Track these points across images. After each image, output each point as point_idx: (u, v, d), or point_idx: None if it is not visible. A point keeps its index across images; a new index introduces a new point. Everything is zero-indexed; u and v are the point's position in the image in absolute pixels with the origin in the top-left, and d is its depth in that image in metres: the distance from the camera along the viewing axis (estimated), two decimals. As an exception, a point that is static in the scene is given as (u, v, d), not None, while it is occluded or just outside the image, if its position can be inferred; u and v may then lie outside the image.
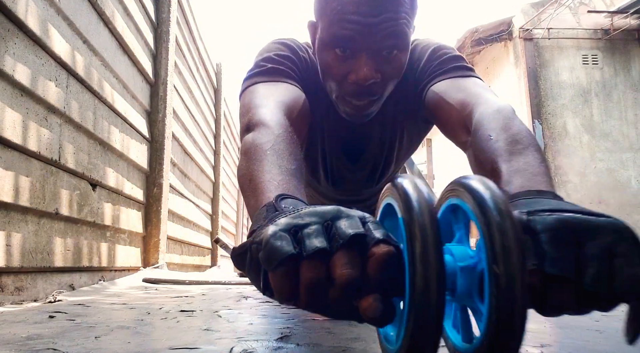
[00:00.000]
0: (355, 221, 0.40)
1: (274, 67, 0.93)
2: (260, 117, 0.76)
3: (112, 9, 1.85)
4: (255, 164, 0.66)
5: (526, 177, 0.60)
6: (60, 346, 0.58)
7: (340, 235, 0.38)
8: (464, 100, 0.86)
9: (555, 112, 6.69)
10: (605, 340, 0.65)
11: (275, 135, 0.71)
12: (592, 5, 6.94)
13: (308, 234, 0.39)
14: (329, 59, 0.88)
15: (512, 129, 0.73)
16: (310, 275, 0.38)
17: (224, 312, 0.94)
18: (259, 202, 0.56)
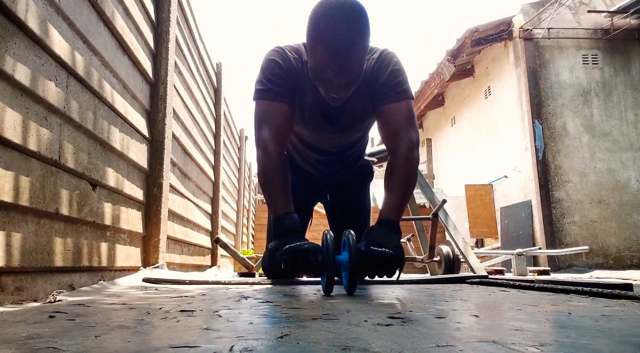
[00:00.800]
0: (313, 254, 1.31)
1: (270, 88, 1.51)
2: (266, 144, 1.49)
3: (112, 9, 1.85)
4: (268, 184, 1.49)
5: (387, 209, 1.45)
6: (61, 345, 0.58)
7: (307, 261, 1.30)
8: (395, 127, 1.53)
9: (555, 112, 6.69)
10: (605, 340, 0.65)
11: (275, 165, 1.48)
12: (592, 5, 6.94)
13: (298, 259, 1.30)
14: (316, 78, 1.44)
15: (403, 170, 1.49)
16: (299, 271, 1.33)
17: (224, 312, 0.94)
18: (275, 211, 1.45)
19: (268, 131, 1.48)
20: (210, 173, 4.26)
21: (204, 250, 4.03)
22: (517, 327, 0.75)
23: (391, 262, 1.29)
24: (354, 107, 1.61)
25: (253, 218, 9.72)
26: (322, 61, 1.35)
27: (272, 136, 1.47)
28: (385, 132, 1.57)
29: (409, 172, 1.47)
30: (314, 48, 1.37)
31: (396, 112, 1.51)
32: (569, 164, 6.61)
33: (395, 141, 1.50)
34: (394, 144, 1.50)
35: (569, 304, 1.15)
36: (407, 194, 1.47)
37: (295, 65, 1.53)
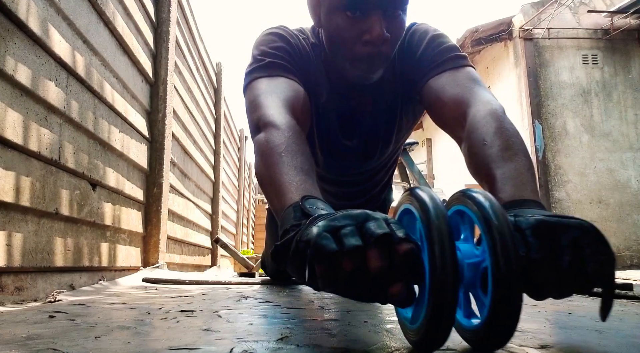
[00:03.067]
0: (381, 223, 0.49)
1: (271, 61, 1.00)
2: (269, 118, 0.85)
3: (112, 9, 1.85)
4: (272, 166, 0.76)
5: (515, 186, 0.72)
6: (60, 346, 0.58)
7: (371, 235, 0.48)
8: (458, 97, 0.94)
9: (555, 112, 6.69)
10: (605, 340, 0.65)
11: (287, 137, 0.81)
12: (592, 5, 6.94)
13: (345, 234, 0.49)
14: (340, 22, 0.94)
15: (504, 134, 0.82)
16: (350, 267, 0.47)
17: (224, 312, 0.94)
18: (283, 203, 0.68)
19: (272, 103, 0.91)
20: (210, 173, 4.26)
21: (203, 250, 4.03)
22: (518, 327, 0.75)
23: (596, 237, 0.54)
24: (380, 107, 1.14)
25: (253, 218, 9.73)
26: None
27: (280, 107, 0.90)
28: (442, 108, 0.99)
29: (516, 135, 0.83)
30: None
31: (454, 80, 0.98)
32: (568, 164, 6.61)
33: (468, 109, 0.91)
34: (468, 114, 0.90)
35: (569, 304, 1.15)
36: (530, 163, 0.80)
37: (304, 45, 1.10)
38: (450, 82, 0.98)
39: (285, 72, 1.00)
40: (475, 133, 0.85)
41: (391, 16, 0.93)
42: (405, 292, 0.48)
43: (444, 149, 10.58)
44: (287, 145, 0.79)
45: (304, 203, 0.63)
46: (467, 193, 0.53)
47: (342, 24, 0.94)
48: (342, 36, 0.95)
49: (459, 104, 0.93)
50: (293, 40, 1.08)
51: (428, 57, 1.04)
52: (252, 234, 9.59)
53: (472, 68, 1.02)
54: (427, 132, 11.64)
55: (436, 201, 0.50)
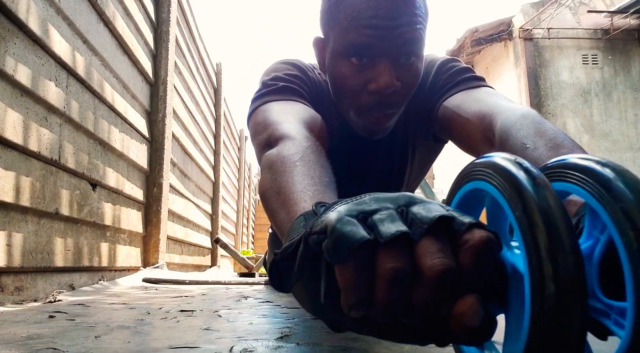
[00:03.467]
0: (435, 205, 0.32)
1: (285, 85, 0.89)
2: (283, 131, 0.71)
3: (112, 9, 1.85)
4: (283, 176, 0.59)
5: None
6: (60, 346, 0.58)
7: (422, 220, 0.30)
8: (481, 112, 0.82)
9: (555, 112, 6.69)
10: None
11: (304, 147, 0.65)
12: (592, 5, 6.94)
13: (380, 219, 0.30)
14: (345, 69, 0.84)
15: (547, 133, 0.67)
16: (392, 266, 0.28)
17: (224, 312, 0.94)
18: (292, 213, 0.49)
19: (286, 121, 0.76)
20: (210, 173, 4.26)
21: (203, 250, 4.03)
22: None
23: None
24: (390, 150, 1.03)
25: (253, 218, 9.73)
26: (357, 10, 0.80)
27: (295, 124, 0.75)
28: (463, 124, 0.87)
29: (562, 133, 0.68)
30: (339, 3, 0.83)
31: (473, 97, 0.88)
32: (569, 164, 6.61)
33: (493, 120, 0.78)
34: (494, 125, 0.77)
35: (569, 304, 1.15)
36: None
37: (320, 80, 0.99)
38: (468, 99, 0.87)
39: (301, 98, 0.88)
40: (510, 140, 0.70)
41: (403, 63, 0.82)
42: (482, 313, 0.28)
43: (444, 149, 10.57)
44: (305, 154, 0.63)
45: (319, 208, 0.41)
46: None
47: (346, 72, 0.84)
48: (347, 84, 0.85)
49: (483, 117, 0.80)
50: (310, 73, 0.97)
51: (440, 81, 0.93)
52: (252, 234, 9.59)
53: (491, 88, 0.92)
54: (427, 132, 11.63)
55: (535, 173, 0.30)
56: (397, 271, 0.28)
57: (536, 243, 0.27)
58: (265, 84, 0.90)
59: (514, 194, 0.30)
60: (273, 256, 0.38)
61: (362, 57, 0.81)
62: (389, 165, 1.05)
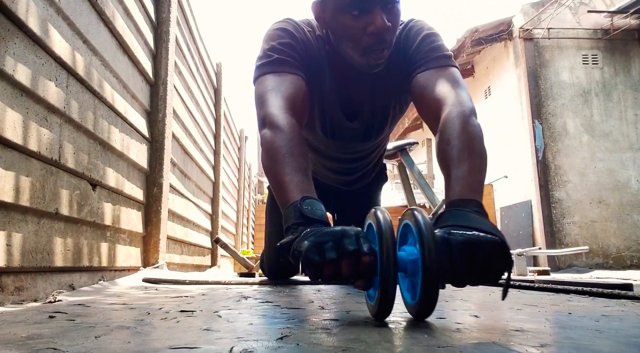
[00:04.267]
0: (353, 239, 0.73)
1: (278, 57, 1.15)
2: (273, 118, 1.04)
3: (112, 9, 1.85)
4: (277, 165, 0.98)
5: (462, 186, 0.91)
6: (61, 345, 0.58)
7: (344, 250, 0.73)
8: (438, 96, 1.10)
9: (555, 112, 6.69)
10: (605, 340, 0.65)
11: (289, 139, 1.00)
12: (592, 5, 6.94)
13: (327, 249, 0.74)
14: (346, 20, 1.10)
15: (465, 135, 0.99)
16: (329, 272, 0.74)
17: (224, 312, 0.94)
18: (286, 199, 0.92)
19: (276, 102, 1.07)
20: (210, 173, 4.26)
21: (204, 250, 4.03)
22: (517, 327, 0.75)
23: (500, 250, 0.75)
24: (377, 94, 1.30)
25: (253, 218, 9.73)
26: None
27: (283, 106, 1.07)
28: (425, 103, 1.15)
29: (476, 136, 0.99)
30: None
31: (438, 78, 1.13)
32: (569, 164, 6.61)
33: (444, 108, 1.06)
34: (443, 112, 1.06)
35: (569, 304, 1.15)
36: (481, 165, 0.96)
37: (310, 38, 1.23)
38: (434, 79, 1.14)
39: (290, 67, 1.15)
40: (443, 132, 1.02)
41: (390, 8, 1.08)
42: (366, 284, 0.76)
43: (444, 149, 10.56)
44: (289, 147, 0.98)
45: (302, 205, 0.87)
46: (412, 212, 0.77)
47: (348, 23, 1.09)
48: (350, 32, 1.10)
49: (438, 101, 1.09)
50: (299, 35, 1.21)
51: (420, 53, 1.19)
52: (252, 234, 9.58)
53: (457, 68, 1.18)
54: (427, 132, 11.63)
55: (387, 220, 0.74)
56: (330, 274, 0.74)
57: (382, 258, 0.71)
58: (264, 53, 1.17)
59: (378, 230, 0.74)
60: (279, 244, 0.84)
61: (361, 9, 1.07)
62: (374, 103, 1.33)
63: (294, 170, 0.95)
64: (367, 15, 1.07)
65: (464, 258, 0.73)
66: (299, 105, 1.12)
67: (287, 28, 1.21)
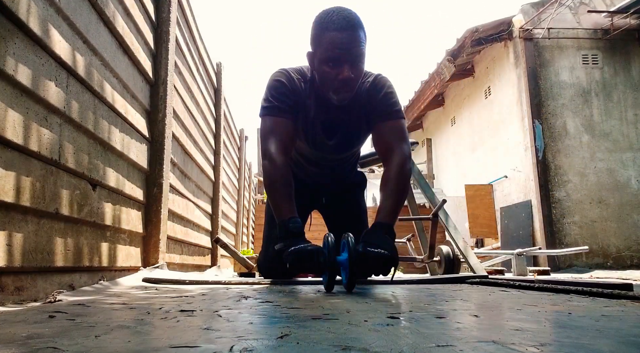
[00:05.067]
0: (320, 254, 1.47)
1: (276, 105, 1.71)
2: (272, 156, 1.65)
3: (112, 9, 1.85)
4: (274, 191, 1.64)
5: (384, 214, 1.59)
6: (61, 345, 0.58)
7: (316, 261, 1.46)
8: (389, 144, 1.72)
9: (555, 112, 6.69)
10: (605, 340, 0.65)
11: (281, 174, 1.63)
12: (592, 5, 6.95)
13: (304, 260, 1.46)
14: (326, 68, 1.61)
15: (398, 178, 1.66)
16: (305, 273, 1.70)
17: (224, 312, 0.94)
18: (280, 216, 1.60)
19: (274, 143, 1.65)
20: (210, 173, 4.26)
21: (204, 250, 4.03)
22: (517, 327, 0.75)
23: (387, 261, 1.43)
24: (350, 121, 1.82)
25: (253, 218, 9.73)
26: (332, 41, 1.55)
27: (278, 148, 1.64)
28: (380, 146, 1.75)
29: (402, 182, 1.65)
30: (322, 36, 1.58)
31: (390, 129, 1.72)
32: (569, 164, 6.61)
33: (390, 155, 1.68)
34: (389, 157, 1.68)
35: (569, 304, 1.15)
36: (400, 200, 1.63)
37: (298, 85, 1.74)
38: (388, 130, 1.74)
39: (284, 113, 1.70)
40: (386, 171, 1.69)
41: (354, 66, 1.59)
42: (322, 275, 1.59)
43: (444, 149, 10.59)
44: (283, 180, 1.63)
45: (289, 223, 1.55)
46: (346, 235, 1.48)
47: (326, 70, 1.61)
48: (327, 76, 1.62)
49: (387, 148, 1.72)
50: (291, 85, 1.73)
51: (382, 105, 1.75)
52: (252, 234, 9.58)
53: (404, 119, 1.78)
54: (427, 133, 11.64)
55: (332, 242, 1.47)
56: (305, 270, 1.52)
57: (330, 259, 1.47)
58: (267, 99, 1.73)
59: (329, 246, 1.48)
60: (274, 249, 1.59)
61: (335, 64, 1.59)
62: (348, 127, 1.85)
63: (284, 196, 1.61)
64: (339, 68, 1.58)
65: (369, 262, 1.42)
66: (288, 144, 1.71)
67: (282, 80, 1.73)
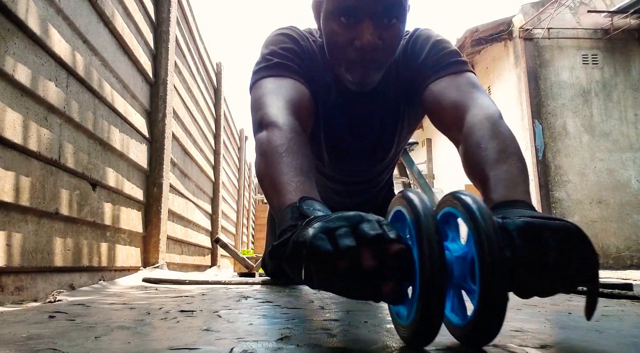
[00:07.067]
0: (374, 224, 0.51)
1: (279, 61, 1.01)
2: (272, 118, 0.86)
3: (112, 9, 1.85)
4: (273, 166, 0.77)
5: (507, 187, 0.74)
6: (60, 346, 0.58)
7: (364, 236, 0.50)
8: (457, 102, 0.95)
9: (555, 112, 6.69)
10: (605, 340, 0.65)
11: (288, 138, 0.82)
12: (592, 5, 6.94)
13: (340, 235, 0.51)
14: (335, 27, 0.95)
15: (499, 137, 0.84)
16: (344, 266, 0.50)
17: (224, 312, 0.94)
18: (282, 202, 0.70)
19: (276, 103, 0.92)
20: (210, 173, 4.26)
21: (204, 250, 4.03)
22: (517, 327, 0.75)
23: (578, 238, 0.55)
24: (385, 109, 1.15)
25: (253, 218, 9.73)
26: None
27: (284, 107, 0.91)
28: (442, 112, 0.99)
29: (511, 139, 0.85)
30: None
31: (454, 85, 0.99)
32: (569, 164, 6.61)
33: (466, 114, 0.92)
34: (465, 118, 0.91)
35: (569, 304, 1.15)
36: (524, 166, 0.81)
37: (314, 48, 1.10)
38: (450, 86, 0.99)
39: (292, 73, 1.01)
40: (471, 136, 0.87)
41: (385, 24, 0.93)
42: (397, 290, 0.51)
43: (444, 149, 10.58)
44: (289, 146, 0.80)
45: (302, 204, 0.66)
46: (456, 196, 0.56)
47: (336, 29, 0.95)
48: (336, 41, 0.97)
49: (458, 108, 0.94)
50: (303, 43, 1.08)
51: (430, 62, 1.04)
52: (252, 234, 9.59)
53: (472, 73, 1.03)
54: (427, 132, 11.64)
55: (425, 203, 0.53)
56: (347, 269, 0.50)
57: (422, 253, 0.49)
58: (264, 58, 1.03)
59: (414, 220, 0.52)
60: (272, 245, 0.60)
61: (349, 17, 0.93)
62: (383, 121, 1.17)
63: (293, 169, 0.75)
64: (357, 26, 0.92)
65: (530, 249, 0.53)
66: (303, 110, 0.95)
67: (290, 34, 1.08)
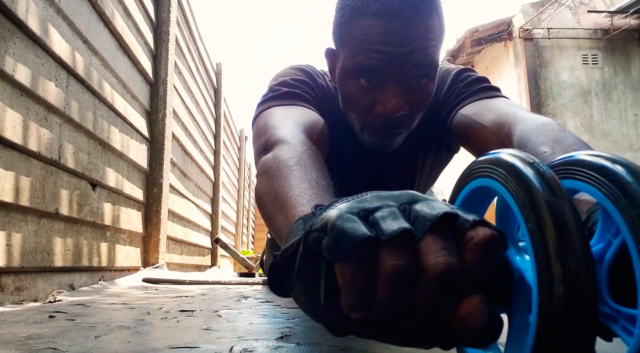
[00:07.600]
0: (438, 203, 0.30)
1: (290, 91, 0.87)
2: (279, 136, 0.70)
3: (112, 9, 1.85)
4: (279, 180, 0.57)
5: None
6: (60, 346, 0.58)
7: (425, 217, 0.28)
8: (499, 120, 0.79)
9: (555, 112, 6.69)
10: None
11: (299, 151, 0.63)
12: (592, 5, 6.94)
13: (382, 217, 0.29)
14: (353, 89, 0.81)
15: (566, 141, 0.64)
16: (393, 263, 0.27)
17: (224, 312, 0.94)
18: (291, 217, 0.47)
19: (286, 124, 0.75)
20: (210, 173, 4.25)
21: (203, 250, 4.03)
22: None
23: None
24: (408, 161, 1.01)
25: (253, 218, 9.73)
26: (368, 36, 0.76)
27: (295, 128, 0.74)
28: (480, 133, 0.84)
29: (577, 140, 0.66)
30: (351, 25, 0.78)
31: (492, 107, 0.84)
32: (569, 164, 6.61)
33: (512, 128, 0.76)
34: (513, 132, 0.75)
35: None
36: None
37: (329, 87, 0.97)
38: (486, 108, 0.84)
39: (305, 102, 0.86)
40: (528, 146, 0.68)
41: (413, 85, 0.78)
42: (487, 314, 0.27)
43: (444, 149, 10.57)
44: (300, 159, 0.61)
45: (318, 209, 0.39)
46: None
47: (355, 92, 0.81)
48: (355, 103, 0.82)
49: (502, 125, 0.77)
50: (319, 80, 0.95)
51: (455, 91, 0.91)
52: (252, 234, 9.59)
53: (507, 98, 0.89)
54: (427, 132, 11.63)
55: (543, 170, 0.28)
56: (399, 269, 0.27)
57: (545, 243, 0.26)
58: (272, 89, 0.89)
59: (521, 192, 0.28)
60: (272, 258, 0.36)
61: (371, 80, 0.78)
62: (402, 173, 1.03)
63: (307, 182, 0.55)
64: (379, 89, 0.78)
65: None
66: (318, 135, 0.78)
67: (304, 68, 0.95)
